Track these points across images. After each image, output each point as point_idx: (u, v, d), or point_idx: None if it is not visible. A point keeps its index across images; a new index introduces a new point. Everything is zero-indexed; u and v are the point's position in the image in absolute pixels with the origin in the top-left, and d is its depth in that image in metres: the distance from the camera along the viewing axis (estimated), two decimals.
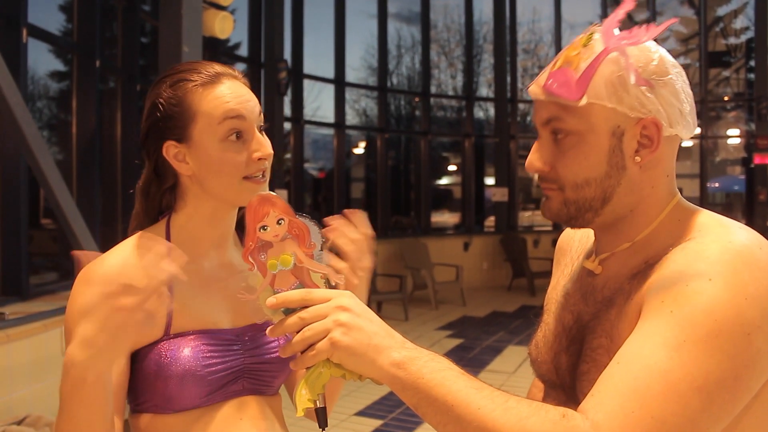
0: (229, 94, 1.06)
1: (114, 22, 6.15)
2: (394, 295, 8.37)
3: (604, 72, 0.86)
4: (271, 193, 0.88)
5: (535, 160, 0.93)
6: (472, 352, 6.55)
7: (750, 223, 10.92)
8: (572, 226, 0.96)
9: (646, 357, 0.76)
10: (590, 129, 0.88)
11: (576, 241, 1.11)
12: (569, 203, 0.92)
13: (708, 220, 0.89)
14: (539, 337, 1.05)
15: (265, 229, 0.85)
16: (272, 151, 1.09)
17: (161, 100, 1.06)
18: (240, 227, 1.17)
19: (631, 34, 0.87)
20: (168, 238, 1.10)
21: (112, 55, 6.12)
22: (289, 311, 0.84)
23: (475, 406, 0.76)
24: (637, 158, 0.89)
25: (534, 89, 0.93)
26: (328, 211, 9.89)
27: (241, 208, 1.14)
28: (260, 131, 1.09)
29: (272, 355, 1.11)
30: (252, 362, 1.09)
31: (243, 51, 9.16)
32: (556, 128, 0.90)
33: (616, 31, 0.89)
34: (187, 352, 1.02)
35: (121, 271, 1.00)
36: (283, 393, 1.21)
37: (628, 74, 0.85)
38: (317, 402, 0.85)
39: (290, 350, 0.83)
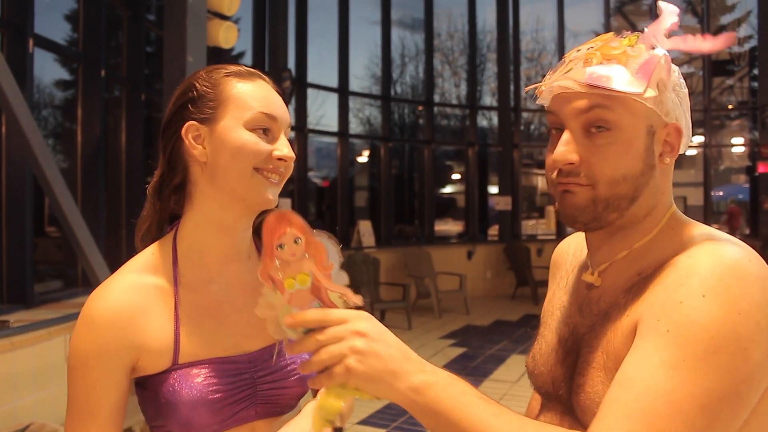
0: (265, 93, 1.08)
1: (119, 31, 6.19)
2: (397, 304, 8.36)
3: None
4: (289, 210, 0.87)
5: (567, 152, 0.88)
6: (475, 361, 6.54)
7: (754, 232, 10.91)
8: (588, 229, 0.93)
9: (646, 378, 0.76)
10: (633, 124, 0.88)
11: (570, 255, 1.12)
12: (599, 201, 0.89)
13: (699, 233, 0.90)
14: (536, 350, 1.06)
15: (282, 248, 0.84)
16: (294, 157, 1.08)
17: (196, 83, 1.07)
18: (256, 238, 1.16)
19: (686, 42, 0.88)
20: (174, 257, 1.07)
21: (117, 64, 6.15)
22: (308, 330, 0.83)
23: None
24: (667, 160, 0.91)
25: (568, 83, 0.88)
26: (332, 219, 9.90)
27: (255, 220, 1.12)
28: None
29: (288, 379, 1.08)
30: (266, 388, 1.06)
31: (247, 60, 9.21)
32: (598, 118, 0.87)
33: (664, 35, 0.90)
34: (196, 382, 1.00)
35: (119, 312, 0.99)
36: None
37: (668, 80, 0.88)
38: (335, 421, 0.84)
39: (308, 368, 0.83)
